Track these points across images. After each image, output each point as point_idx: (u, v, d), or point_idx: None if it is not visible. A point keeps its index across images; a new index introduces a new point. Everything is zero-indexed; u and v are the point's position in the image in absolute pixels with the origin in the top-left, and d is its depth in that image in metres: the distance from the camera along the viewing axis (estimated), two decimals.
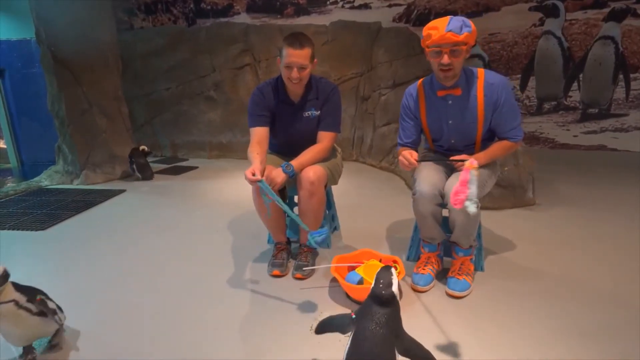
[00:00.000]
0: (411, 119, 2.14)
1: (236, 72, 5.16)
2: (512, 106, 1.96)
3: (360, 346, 1.29)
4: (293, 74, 2.06)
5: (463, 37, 1.79)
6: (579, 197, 3.38)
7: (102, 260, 2.46)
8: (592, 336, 1.65)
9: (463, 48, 1.83)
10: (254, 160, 1.96)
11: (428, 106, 2.07)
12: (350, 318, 1.37)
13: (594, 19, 4.91)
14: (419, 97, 2.09)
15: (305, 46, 2.05)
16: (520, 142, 2.04)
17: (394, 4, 5.41)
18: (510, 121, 1.98)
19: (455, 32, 1.79)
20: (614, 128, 5.08)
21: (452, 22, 1.81)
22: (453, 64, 1.85)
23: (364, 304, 1.39)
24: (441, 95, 2.00)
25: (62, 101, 3.99)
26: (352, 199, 3.47)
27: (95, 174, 4.16)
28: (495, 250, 2.44)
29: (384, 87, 4.58)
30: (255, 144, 2.09)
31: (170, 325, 1.79)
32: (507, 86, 1.96)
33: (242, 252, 2.49)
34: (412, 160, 1.92)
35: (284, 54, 2.05)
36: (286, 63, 2.05)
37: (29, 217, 3.17)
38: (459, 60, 1.86)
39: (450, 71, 1.88)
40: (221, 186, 4.03)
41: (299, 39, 2.05)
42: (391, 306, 1.35)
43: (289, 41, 2.05)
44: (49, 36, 3.91)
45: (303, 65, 2.05)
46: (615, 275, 2.12)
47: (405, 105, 2.14)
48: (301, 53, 2.03)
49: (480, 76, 1.96)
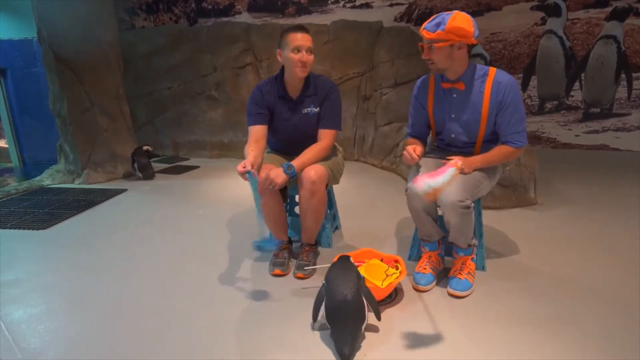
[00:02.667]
0: (419, 109, 2.15)
1: (237, 71, 5.16)
2: (517, 109, 1.94)
3: (335, 294, 1.60)
4: (303, 57, 2.09)
5: (435, 35, 1.84)
6: (580, 197, 3.37)
7: (103, 259, 2.46)
8: (595, 337, 1.65)
9: (435, 45, 1.85)
10: (247, 156, 1.99)
11: (436, 97, 2.08)
12: (323, 285, 1.70)
13: (595, 18, 4.90)
14: (429, 88, 2.10)
15: (308, 32, 2.14)
16: (521, 150, 2.01)
17: (396, 4, 5.40)
18: (513, 124, 1.95)
19: (428, 30, 1.87)
20: (616, 128, 5.06)
21: (434, 20, 1.87)
22: (432, 59, 1.92)
23: (329, 268, 1.74)
24: (446, 88, 2.02)
25: (63, 100, 4.00)
26: (354, 198, 3.47)
27: (97, 173, 4.17)
28: (496, 249, 2.43)
29: (386, 87, 4.58)
30: (252, 142, 2.11)
31: (171, 324, 1.79)
32: (515, 88, 1.94)
33: (243, 251, 2.49)
34: (414, 155, 1.92)
35: (289, 40, 2.09)
36: (295, 46, 2.08)
37: (31, 216, 3.18)
38: (437, 56, 1.89)
39: (433, 64, 1.94)
40: (222, 185, 4.04)
41: (300, 26, 2.15)
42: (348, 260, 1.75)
43: (291, 29, 2.13)
44: (51, 36, 3.91)
45: (310, 48, 2.12)
46: (617, 275, 2.11)
47: (415, 95, 2.16)
48: (306, 36, 2.12)
49: (491, 74, 1.96)
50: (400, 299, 1.94)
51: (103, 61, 4.19)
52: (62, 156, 4.32)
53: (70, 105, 4.01)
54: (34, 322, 1.83)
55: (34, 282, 2.19)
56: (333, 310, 1.60)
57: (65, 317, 1.87)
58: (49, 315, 1.88)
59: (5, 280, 2.22)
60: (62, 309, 1.94)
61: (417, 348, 1.60)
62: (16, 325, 1.81)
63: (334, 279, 1.65)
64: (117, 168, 4.30)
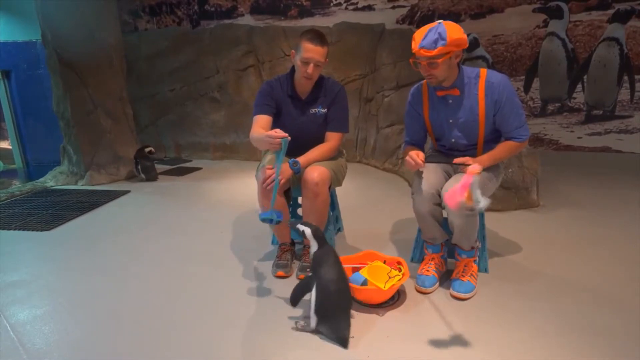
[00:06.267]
0: (415, 117, 2.16)
1: (240, 73, 5.17)
2: (513, 105, 1.95)
3: (327, 285, 1.65)
4: (309, 70, 2.09)
5: (436, 52, 1.79)
6: (583, 199, 3.37)
7: (107, 260, 2.47)
8: (597, 337, 1.65)
9: (439, 61, 1.83)
10: (261, 135, 1.90)
11: (431, 105, 2.08)
12: (309, 276, 1.73)
13: (598, 20, 4.90)
14: (423, 96, 2.10)
15: (325, 44, 2.11)
16: (525, 142, 2.03)
17: (398, 6, 5.41)
18: (513, 120, 1.97)
19: (427, 49, 1.80)
20: (619, 130, 5.06)
21: (427, 36, 1.80)
22: (432, 73, 1.88)
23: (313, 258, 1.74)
24: (441, 95, 2.02)
25: (67, 102, 4.02)
26: (356, 200, 3.47)
27: (100, 175, 4.18)
28: (499, 251, 2.43)
29: (388, 89, 4.59)
30: (258, 128, 2.08)
31: (174, 325, 1.80)
32: (508, 85, 1.95)
33: (246, 253, 2.50)
34: (418, 160, 1.91)
35: (302, 49, 2.08)
36: (304, 58, 2.07)
37: (35, 218, 3.19)
38: (439, 70, 1.87)
39: (433, 78, 1.91)
40: (225, 187, 4.05)
41: (320, 36, 2.10)
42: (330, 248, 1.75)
43: (309, 37, 2.08)
44: (55, 38, 3.94)
45: (319, 63, 2.10)
46: (620, 278, 2.11)
47: (410, 104, 2.16)
48: (320, 50, 2.08)
49: (482, 76, 1.97)
50: (403, 301, 1.95)
51: (106, 63, 4.21)
52: (65, 158, 4.34)
53: (74, 107, 4.03)
54: (39, 323, 1.84)
55: (39, 283, 2.20)
56: (328, 300, 1.66)
57: (70, 318, 1.88)
58: (54, 316, 1.89)
59: (10, 281, 2.23)
60: (67, 310, 1.95)
61: (420, 350, 1.60)
62: (21, 326, 1.82)
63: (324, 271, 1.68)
64: (120, 170, 4.32)
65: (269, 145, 1.87)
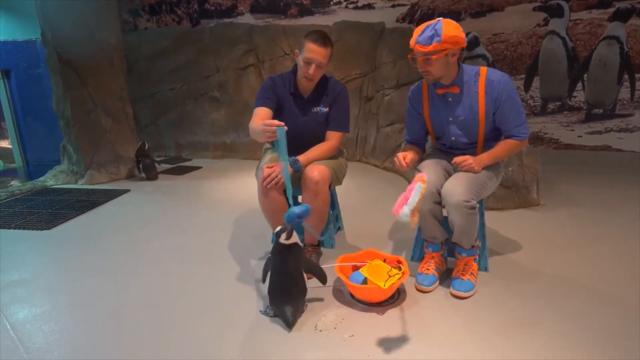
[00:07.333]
0: (415, 116, 2.16)
1: (240, 72, 5.17)
2: (513, 103, 1.95)
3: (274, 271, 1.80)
4: (310, 70, 2.09)
5: (431, 48, 1.81)
6: (583, 198, 3.36)
7: (107, 259, 2.47)
8: (597, 336, 1.65)
9: (433, 57, 1.83)
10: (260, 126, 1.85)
11: (431, 103, 2.09)
12: (267, 258, 1.88)
13: (598, 18, 4.89)
14: (423, 95, 2.11)
15: (328, 46, 2.11)
16: (526, 141, 2.04)
17: (398, 4, 5.41)
18: (513, 118, 1.97)
19: (422, 44, 1.82)
20: (619, 128, 5.05)
21: (424, 32, 1.82)
22: (428, 70, 1.89)
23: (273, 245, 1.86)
24: (440, 93, 2.02)
25: (67, 101, 4.02)
26: (356, 199, 3.47)
27: (100, 174, 4.18)
28: (499, 250, 2.43)
29: (388, 88, 4.58)
30: (258, 120, 2.06)
31: (174, 325, 1.80)
32: (508, 83, 1.96)
33: (246, 252, 2.50)
34: (402, 163, 1.94)
35: (305, 49, 2.08)
36: (307, 58, 2.08)
37: (34, 217, 3.19)
38: (435, 67, 1.87)
39: (429, 75, 1.92)
40: (225, 186, 4.05)
41: (324, 37, 2.09)
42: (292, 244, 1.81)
43: (313, 37, 2.08)
44: (55, 37, 3.93)
45: (322, 64, 2.10)
46: (620, 277, 2.11)
47: (410, 103, 2.16)
48: (323, 51, 2.08)
49: (482, 74, 1.97)
50: (403, 299, 1.95)
51: (106, 62, 4.20)
52: (65, 157, 4.34)
53: (74, 106, 4.03)
54: (39, 322, 1.84)
55: (39, 282, 2.20)
56: (273, 284, 1.81)
57: (70, 317, 1.88)
58: (54, 315, 1.89)
59: (9, 280, 2.23)
60: (67, 309, 1.95)
61: (420, 349, 1.61)
62: (21, 325, 1.82)
63: (274, 258, 1.82)
64: (120, 169, 4.31)
65: (265, 136, 1.83)
